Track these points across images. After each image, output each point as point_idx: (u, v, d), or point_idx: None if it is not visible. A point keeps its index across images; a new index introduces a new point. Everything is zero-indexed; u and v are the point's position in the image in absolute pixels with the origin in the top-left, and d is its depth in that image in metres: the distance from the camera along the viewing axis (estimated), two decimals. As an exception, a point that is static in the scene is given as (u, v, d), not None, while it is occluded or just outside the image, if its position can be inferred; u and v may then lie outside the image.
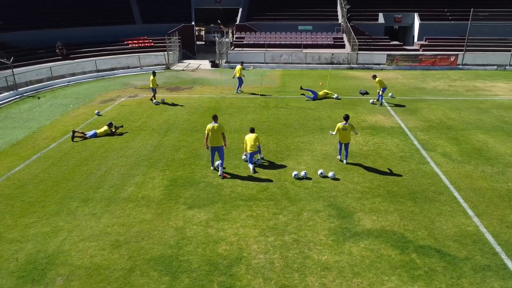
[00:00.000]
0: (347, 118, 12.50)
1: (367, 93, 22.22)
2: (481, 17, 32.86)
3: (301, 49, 34.51)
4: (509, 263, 8.10)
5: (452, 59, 30.29)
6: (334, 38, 36.67)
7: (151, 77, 20.59)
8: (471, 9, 30.88)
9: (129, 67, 32.23)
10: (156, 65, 33.08)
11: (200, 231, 9.35)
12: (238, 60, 33.33)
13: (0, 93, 22.92)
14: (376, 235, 9.09)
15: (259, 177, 12.08)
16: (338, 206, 10.38)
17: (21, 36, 31.29)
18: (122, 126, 16.58)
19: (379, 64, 31.76)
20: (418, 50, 34.31)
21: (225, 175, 12.15)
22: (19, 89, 23.96)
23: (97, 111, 19.09)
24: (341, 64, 32.70)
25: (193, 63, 34.98)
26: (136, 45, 36.24)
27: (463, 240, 8.88)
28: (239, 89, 23.15)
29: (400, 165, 12.78)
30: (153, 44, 36.75)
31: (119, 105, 20.61)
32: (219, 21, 62.06)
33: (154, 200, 10.80)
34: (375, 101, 20.30)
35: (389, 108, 19.43)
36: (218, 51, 32.91)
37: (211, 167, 12.65)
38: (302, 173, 11.95)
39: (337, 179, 11.85)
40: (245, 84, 23.88)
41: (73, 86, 26.23)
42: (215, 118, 12.23)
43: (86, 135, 15.73)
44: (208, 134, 12.06)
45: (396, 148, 14.27)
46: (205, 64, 34.17)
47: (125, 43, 36.20)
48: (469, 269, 7.93)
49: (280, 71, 30.89)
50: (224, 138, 12.17)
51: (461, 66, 30.82)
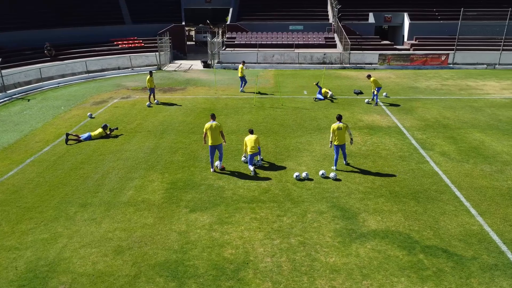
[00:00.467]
0: (340, 118, 12.31)
1: (361, 93, 22.27)
2: (470, 16, 33.23)
3: (293, 49, 34.47)
4: (516, 262, 8.13)
5: (443, 58, 30.58)
6: (325, 38, 36.73)
7: (148, 77, 20.32)
8: (461, 9, 31.21)
9: (119, 68, 31.77)
10: (147, 66, 32.68)
11: (204, 234, 9.19)
12: (230, 60, 33.22)
13: (-12, 96, 22.41)
14: (382, 236, 9.05)
15: (260, 178, 11.96)
16: (341, 207, 10.32)
17: (6, 36, 30.55)
18: (117, 128, 16.29)
19: (371, 63, 31.91)
20: (408, 49, 34.54)
21: (223, 166, 12.54)
22: (8, 91, 23.42)
23: (89, 113, 18.74)
24: (333, 64, 32.75)
25: (184, 64, 34.68)
26: (126, 46, 35.76)
27: (469, 239, 8.90)
28: (242, 89, 23.27)
29: (400, 165, 12.79)
30: (143, 44, 36.32)
31: (112, 107, 20.27)
32: (208, 21, 61.71)
33: (154, 203, 10.60)
34: (370, 100, 20.35)
35: (384, 107, 19.49)
36: (210, 51, 32.67)
37: (211, 169, 12.51)
38: (303, 174, 11.87)
39: (339, 180, 11.80)
40: (239, 84, 23.70)
41: (64, 87, 25.75)
42: (213, 116, 12.30)
43: (80, 137, 15.40)
44: (206, 132, 12.10)
45: (394, 147, 14.29)
46: (197, 64, 33.91)
47: (115, 43, 35.69)
48: (477, 269, 7.93)
49: (273, 71, 30.81)
50: (222, 135, 12.26)
51: (451, 65, 31.14)
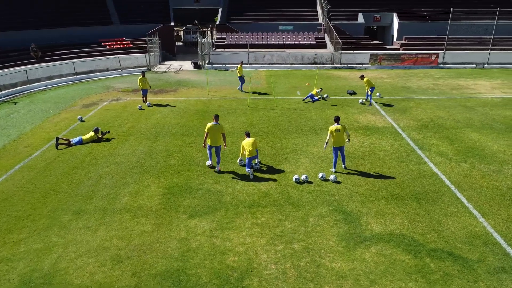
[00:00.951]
0: (338, 119, 12.16)
1: (355, 93, 22.22)
2: (457, 16, 33.54)
3: (283, 49, 34.34)
4: (522, 264, 8.07)
5: (433, 58, 30.79)
6: (316, 38, 36.70)
7: (140, 77, 19.93)
8: (451, 9, 31.47)
9: (108, 69, 31.19)
10: (136, 67, 32.18)
11: (205, 241, 8.93)
12: (221, 61, 32.94)
13: (-28, 99, 21.73)
14: (386, 240, 8.91)
15: (258, 182, 11.73)
16: (343, 210, 10.16)
17: (-10, 38, 29.88)
18: (109, 131, 15.88)
19: (362, 63, 31.97)
20: (398, 49, 34.71)
21: (220, 169, 12.48)
22: (-7, 94, 22.80)
23: (79, 117, 18.27)
24: (324, 64, 32.72)
25: (174, 65, 34.26)
26: (114, 47, 35.19)
27: (473, 241, 8.81)
28: (241, 88, 23.18)
29: (398, 166, 12.70)
30: (132, 45, 35.78)
31: (102, 109, 19.82)
32: (196, 22, 61.21)
33: (152, 210, 10.29)
34: (364, 101, 20.30)
35: (378, 108, 19.45)
36: (200, 52, 32.32)
37: (209, 160, 12.70)
38: (302, 177, 11.68)
39: (339, 182, 11.65)
40: (232, 85, 23.49)
41: (51, 90, 25.15)
42: (217, 117, 12.33)
43: (71, 142, 14.97)
44: (207, 133, 12.06)
45: (392, 148, 14.21)
46: (187, 65, 33.52)
47: (103, 44, 35.09)
48: (484, 272, 7.84)
49: (264, 71, 30.61)
50: (224, 138, 12.26)
51: (442, 64, 31.39)
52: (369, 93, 19.69)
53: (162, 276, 7.83)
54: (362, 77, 20.01)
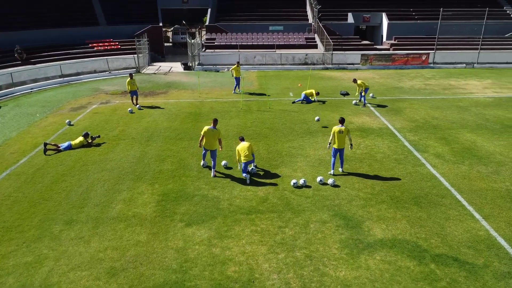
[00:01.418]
0: (343, 121, 11.98)
1: (347, 94, 22.08)
2: (445, 16, 33.76)
3: (274, 50, 34.12)
4: (528, 269, 7.94)
5: (423, 58, 30.88)
6: (306, 38, 36.56)
7: (128, 79, 19.50)
8: (441, 9, 31.62)
9: (96, 71, 30.53)
10: (124, 68, 31.59)
11: (203, 251, 8.61)
12: (211, 62, 32.57)
13: (-45, 103, 20.98)
14: (389, 246, 8.71)
15: (256, 187, 11.44)
16: (344, 215, 9.94)
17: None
18: (99, 136, 15.41)
19: (353, 64, 31.91)
20: (388, 49, 34.80)
21: (215, 173, 12.23)
22: (-23, 98, 22.06)
23: (68, 121, 17.73)
24: (315, 64, 32.58)
25: (164, 66, 33.75)
26: (101, 48, 34.53)
27: (477, 246, 8.67)
28: (236, 89, 22.95)
29: (397, 168, 12.55)
30: (119, 46, 35.14)
31: (91, 113, 19.30)
32: (184, 22, 60.60)
33: (147, 218, 9.92)
34: (358, 102, 20.16)
35: (372, 108, 19.33)
36: (190, 53, 31.88)
37: (202, 161, 12.64)
38: (301, 181, 11.43)
39: (337, 186, 11.43)
40: (224, 86, 23.17)
41: (37, 93, 24.48)
42: (215, 122, 12.06)
43: (59, 147, 14.47)
44: (203, 136, 11.85)
45: (389, 150, 14.06)
46: (177, 66, 33.04)
47: (90, 46, 34.40)
48: (490, 278, 7.68)
49: (255, 72, 30.34)
50: (220, 142, 12.12)
51: (432, 64, 31.52)
52: (363, 94, 19.56)
53: (160, 289, 7.50)
54: (355, 81, 19.84)
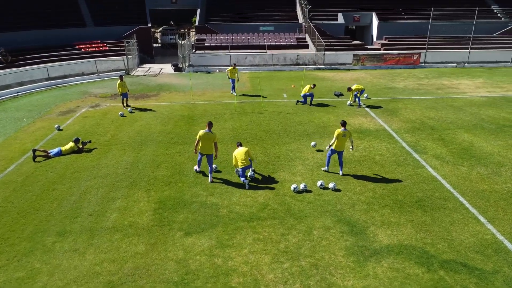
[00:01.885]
0: (344, 124, 11.88)
1: (342, 95, 21.91)
2: (435, 15, 33.90)
3: (265, 50, 33.85)
4: (538, 273, 7.79)
5: (415, 57, 30.94)
6: (297, 38, 36.39)
7: (118, 82, 19.04)
8: (431, 9, 31.73)
9: (84, 74, 29.84)
10: (113, 70, 30.95)
11: (205, 261, 8.27)
12: (202, 63, 32.14)
13: None
14: (396, 252, 8.48)
15: (255, 192, 11.14)
16: (347, 220, 9.69)
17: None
18: (90, 141, 14.92)
19: (345, 64, 31.81)
20: (379, 49, 34.81)
21: (212, 179, 11.83)
22: (-40, 102, 21.30)
23: (57, 125, 17.18)
24: (307, 64, 32.41)
25: (154, 68, 33.22)
26: (89, 50, 33.88)
27: (485, 250, 8.50)
28: (233, 90, 22.65)
29: (397, 171, 12.37)
30: (108, 48, 34.54)
31: (81, 117, 18.76)
32: (172, 22, 60.00)
33: (144, 227, 9.54)
34: (353, 103, 19.99)
35: (368, 109, 19.18)
36: (181, 54, 31.41)
37: (197, 166, 12.27)
38: (301, 186, 11.17)
39: (339, 190, 11.19)
40: (216, 88, 22.79)
41: (24, 96, 23.78)
42: (210, 125, 11.68)
43: (49, 153, 13.96)
44: (199, 140, 11.51)
45: (387, 152, 13.89)
46: (167, 68, 32.53)
47: (77, 47, 33.71)
48: (501, 284, 7.51)
49: (247, 73, 30.01)
50: (216, 148, 11.66)
51: (423, 64, 31.59)
52: (358, 95, 19.40)
53: (162, 304, 7.15)
54: (349, 89, 19.61)
